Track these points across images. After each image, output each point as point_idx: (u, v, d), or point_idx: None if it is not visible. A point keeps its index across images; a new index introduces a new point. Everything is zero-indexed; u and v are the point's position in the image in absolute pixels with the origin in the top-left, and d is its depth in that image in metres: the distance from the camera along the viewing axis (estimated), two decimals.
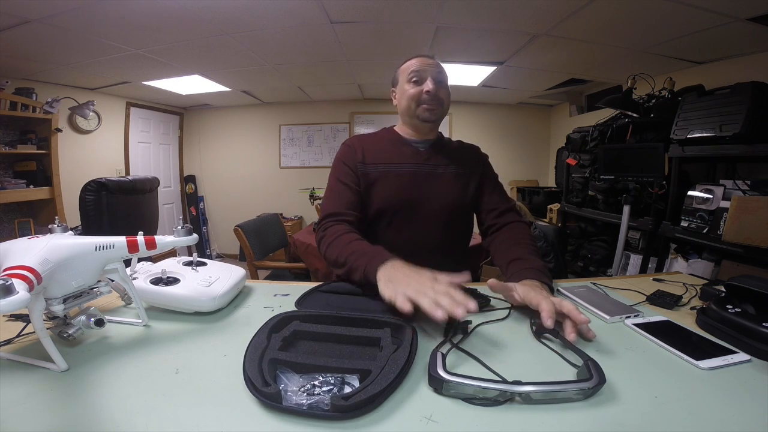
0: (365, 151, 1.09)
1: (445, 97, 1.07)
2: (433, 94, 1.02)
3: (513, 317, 0.71)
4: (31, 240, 0.55)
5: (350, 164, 1.08)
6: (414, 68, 1.04)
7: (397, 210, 1.05)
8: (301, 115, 4.66)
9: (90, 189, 1.84)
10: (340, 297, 0.79)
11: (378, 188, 1.06)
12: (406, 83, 1.06)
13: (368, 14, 2.04)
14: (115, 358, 0.55)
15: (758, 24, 1.87)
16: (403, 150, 1.10)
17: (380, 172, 1.07)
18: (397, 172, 1.07)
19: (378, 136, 1.16)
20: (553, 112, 4.60)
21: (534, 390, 0.44)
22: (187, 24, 2.09)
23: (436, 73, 1.04)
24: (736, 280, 0.66)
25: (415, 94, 1.04)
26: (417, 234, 1.05)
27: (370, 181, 1.06)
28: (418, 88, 1.04)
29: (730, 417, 0.42)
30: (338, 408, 0.41)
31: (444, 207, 1.06)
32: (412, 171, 1.07)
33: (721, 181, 1.91)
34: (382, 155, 1.09)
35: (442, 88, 1.06)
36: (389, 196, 1.05)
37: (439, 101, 1.05)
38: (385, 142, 1.12)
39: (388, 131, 1.17)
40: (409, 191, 1.05)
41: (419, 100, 1.04)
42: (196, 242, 0.72)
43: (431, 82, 1.02)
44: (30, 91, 2.87)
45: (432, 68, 1.04)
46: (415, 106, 1.05)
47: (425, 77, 1.03)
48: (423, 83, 1.03)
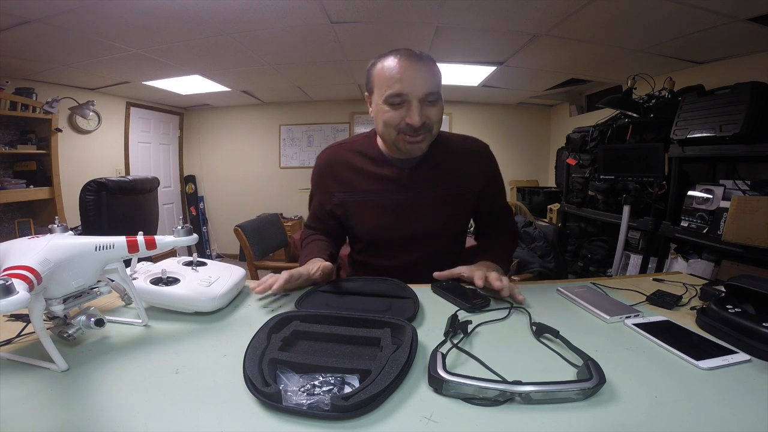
0: (339, 174, 0.96)
1: (435, 117, 0.83)
2: (418, 127, 0.80)
3: (513, 317, 0.71)
4: (31, 240, 0.55)
5: (322, 197, 1.01)
6: (395, 88, 0.79)
7: (377, 240, 0.99)
8: (301, 115, 4.66)
9: (90, 189, 1.84)
10: (340, 297, 0.79)
11: (356, 218, 0.98)
12: (382, 102, 0.82)
13: (368, 14, 2.04)
14: (115, 358, 0.55)
15: (758, 24, 1.87)
16: (383, 173, 0.93)
17: (358, 201, 0.95)
18: (376, 202, 0.94)
19: (355, 149, 0.97)
20: (553, 112, 4.60)
21: (534, 390, 0.44)
22: (187, 24, 2.09)
23: (424, 93, 0.79)
24: (736, 280, 0.66)
25: (393, 121, 0.82)
26: (401, 259, 0.99)
27: (347, 208, 0.98)
28: (397, 114, 0.81)
29: (730, 417, 0.42)
30: (338, 408, 0.41)
31: (429, 235, 0.97)
32: (393, 202, 0.93)
33: (721, 181, 1.91)
34: (360, 180, 0.94)
35: (431, 108, 0.82)
36: (368, 229, 0.97)
37: (428, 128, 0.83)
38: (365, 161, 0.95)
39: (367, 143, 0.97)
40: (389, 223, 0.94)
41: (399, 128, 0.82)
42: (196, 242, 0.72)
43: (416, 111, 0.78)
44: (30, 91, 2.87)
45: (420, 86, 0.79)
46: (395, 134, 0.84)
47: (408, 100, 0.79)
48: (406, 108, 0.80)
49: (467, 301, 0.74)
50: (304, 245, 1.01)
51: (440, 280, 0.86)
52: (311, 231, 1.07)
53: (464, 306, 0.74)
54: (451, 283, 0.85)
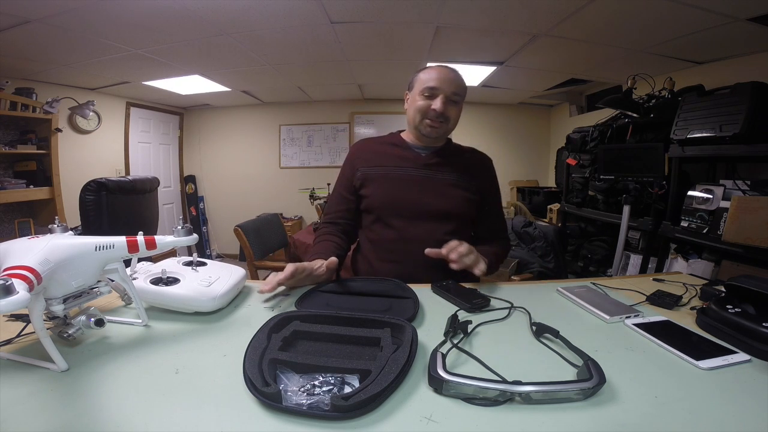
0: (366, 155, 1.15)
1: (453, 115, 1.07)
2: (439, 113, 1.02)
3: (513, 317, 0.71)
4: (31, 240, 0.55)
5: (348, 172, 1.16)
6: (430, 83, 1.03)
7: (385, 208, 1.09)
8: (301, 115, 4.66)
9: (90, 189, 1.84)
10: (340, 297, 0.79)
11: (373, 188, 1.10)
12: (418, 94, 1.06)
13: (368, 14, 2.04)
14: (115, 358, 0.55)
15: (758, 24, 1.87)
16: (405, 154, 1.12)
17: (379, 174, 1.11)
18: (393, 174, 1.10)
19: (383, 141, 1.19)
20: (553, 112, 4.60)
21: (534, 390, 0.44)
22: (187, 24, 2.09)
23: (451, 92, 1.03)
24: (736, 280, 0.66)
25: (423, 108, 1.04)
26: (402, 232, 1.06)
27: (367, 181, 1.11)
28: (427, 102, 1.04)
29: (730, 417, 0.42)
30: (338, 408, 0.41)
31: (434, 211, 1.06)
32: (408, 175, 1.09)
33: (721, 181, 1.91)
34: (383, 158, 1.13)
35: (452, 107, 1.05)
36: (381, 195, 1.09)
37: (445, 119, 1.05)
38: (388, 147, 1.15)
39: (394, 136, 1.19)
40: (400, 192, 1.08)
41: (425, 114, 1.05)
42: (196, 242, 0.72)
43: (441, 101, 1.02)
44: (30, 91, 2.87)
45: (448, 85, 1.03)
46: (420, 118, 1.06)
47: (437, 94, 1.03)
48: (434, 99, 1.03)
49: (467, 301, 0.75)
50: (315, 243, 1.10)
51: (440, 281, 0.87)
52: (325, 230, 1.14)
53: (464, 306, 0.74)
54: (451, 283, 0.86)
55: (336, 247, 1.06)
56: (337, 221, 1.15)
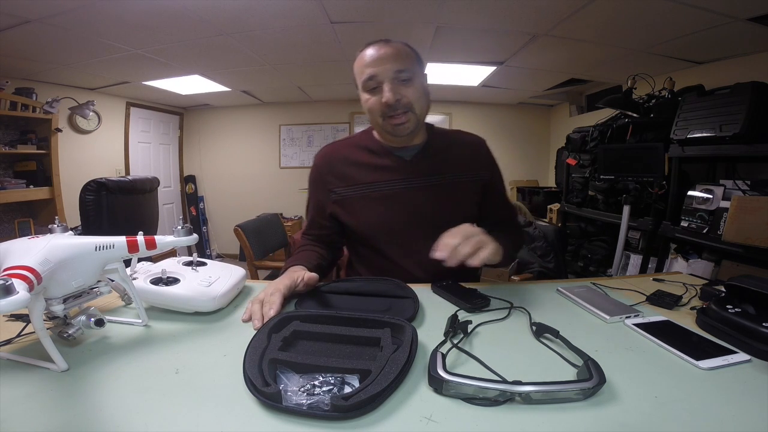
0: (338, 170, 0.94)
1: (413, 96, 0.84)
2: (393, 103, 0.82)
3: (513, 317, 0.71)
4: (31, 240, 0.55)
5: (319, 196, 0.97)
6: (366, 73, 0.83)
7: (372, 237, 0.93)
8: (301, 115, 4.66)
9: (90, 189, 1.85)
10: (340, 297, 0.79)
11: (354, 214, 0.93)
12: (362, 91, 0.86)
13: (368, 14, 2.04)
14: (115, 358, 0.55)
15: (758, 24, 1.87)
16: (384, 163, 0.92)
17: (359, 195, 0.92)
18: (377, 194, 0.91)
19: (354, 144, 0.97)
20: (553, 112, 4.59)
21: (534, 390, 0.44)
22: (187, 24, 2.09)
23: (394, 71, 0.81)
24: (736, 280, 0.66)
25: (374, 106, 0.85)
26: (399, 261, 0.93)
27: (346, 206, 0.94)
28: (375, 98, 0.84)
29: (730, 417, 0.42)
30: (338, 408, 0.41)
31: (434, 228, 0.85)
32: (395, 191, 0.91)
33: (721, 181, 1.91)
34: (360, 173, 0.92)
35: (406, 87, 0.83)
36: (365, 223, 0.92)
37: (407, 106, 0.84)
38: (364, 154, 0.94)
39: (366, 137, 0.97)
40: (389, 216, 0.91)
41: (381, 112, 0.85)
42: (196, 242, 0.72)
43: (389, 87, 0.81)
44: (30, 91, 2.87)
45: (388, 64, 0.81)
46: (381, 119, 0.86)
47: (381, 81, 0.82)
48: (380, 90, 0.83)
49: (467, 301, 0.74)
50: (294, 254, 0.97)
51: (440, 281, 0.86)
52: (306, 240, 1.02)
53: (464, 306, 0.74)
54: (451, 283, 0.86)
55: (316, 255, 0.94)
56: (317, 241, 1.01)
